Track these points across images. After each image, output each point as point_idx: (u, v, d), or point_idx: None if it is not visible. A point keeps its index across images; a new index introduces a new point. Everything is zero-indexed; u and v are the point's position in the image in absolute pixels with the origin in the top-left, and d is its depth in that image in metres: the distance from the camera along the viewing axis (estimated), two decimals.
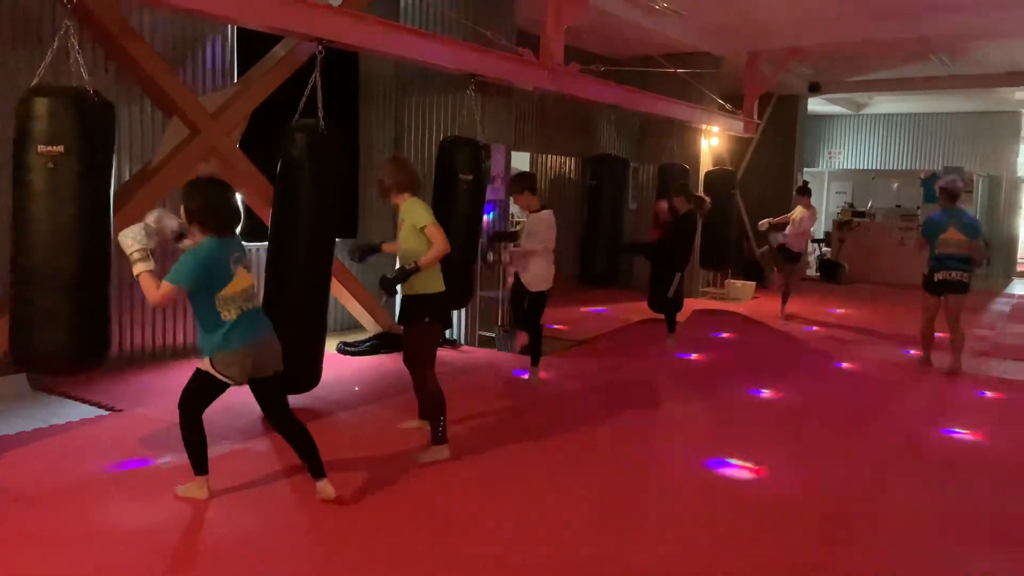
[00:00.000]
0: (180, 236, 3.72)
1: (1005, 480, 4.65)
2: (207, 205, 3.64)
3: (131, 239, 3.54)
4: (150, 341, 6.55)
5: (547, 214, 6.01)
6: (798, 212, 10.21)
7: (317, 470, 3.85)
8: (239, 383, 3.71)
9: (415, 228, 4.43)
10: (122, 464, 4.20)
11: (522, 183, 6.01)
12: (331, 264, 5.27)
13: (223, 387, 3.73)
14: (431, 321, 4.54)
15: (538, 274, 6.01)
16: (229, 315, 3.63)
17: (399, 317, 4.71)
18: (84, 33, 5.58)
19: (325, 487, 3.84)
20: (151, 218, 3.64)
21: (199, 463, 3.82)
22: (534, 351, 6.26)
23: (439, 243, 4.38)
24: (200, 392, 3.74)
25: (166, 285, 3.55)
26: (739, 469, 4.59)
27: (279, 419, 3.86)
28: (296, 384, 5.14)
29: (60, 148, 3.94)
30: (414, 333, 4.56)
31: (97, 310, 4.24)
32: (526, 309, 6.15)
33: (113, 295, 6.21)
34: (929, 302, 7.36)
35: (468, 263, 6.75)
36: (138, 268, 3.55)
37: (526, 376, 6.30)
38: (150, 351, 6.55)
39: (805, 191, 10.42)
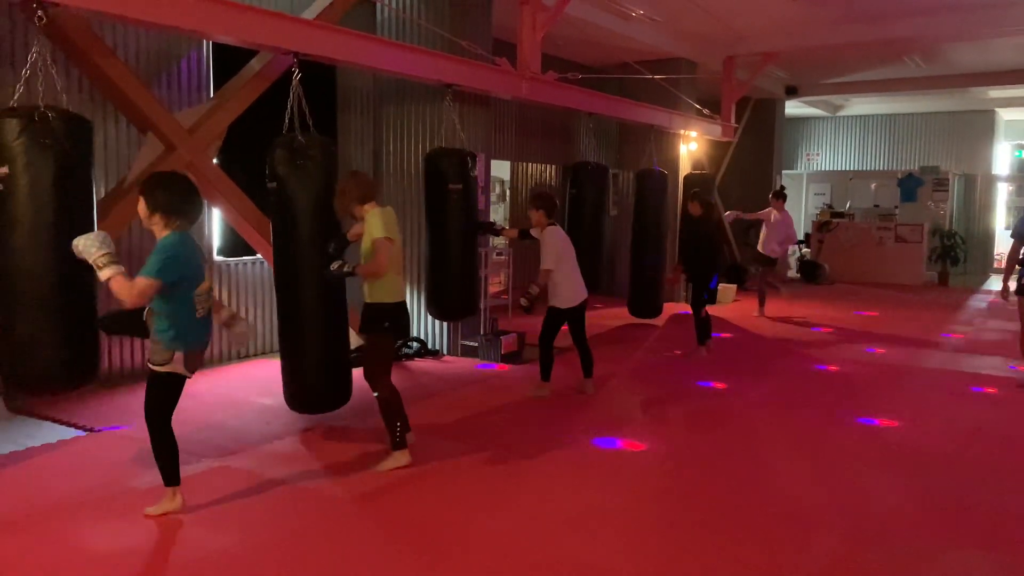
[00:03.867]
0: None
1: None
2: (174, 198, 3.67)
3: (95, 245, 3.47)
4: (128, 361, 6.49)
5: (549, 231, 6.01)
6: (773, 216, 10.36)
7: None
8: (190, 376, 3.81)
9: (370, 238, 4.54)
10: None
11: (538, 201, 6.07)
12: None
13: (181, 383, 3.80)
14: (383, 331, 4.64)
15: (552, 291, 6.08)
16: (200, 312, 3.75)
17: (360, 325, 4.80)
18: (57, 51, 5.55)
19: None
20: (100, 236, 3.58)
21: (171, 474, 3.83)
22: (587, 365, 6.37)
23: (378, 259, 4.47)
24: (165, 397, 3.78)
25: (143, 281, 3.50)
26: (729, 473, 4.61)
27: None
28: (332, 401, 5.18)
29: (5, 170, 3.90)
30: (368, 341, 4.71)
31: (81, 330, 4.18)
32: (576, 330, 6.23)
33: None
34: None
35: (468, 275, 6.76)
36: (108, 272, 3.46)
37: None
38: (128, 370, 6.48)
39: (779, 195, 10.52)
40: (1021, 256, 6.61)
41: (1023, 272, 6.56)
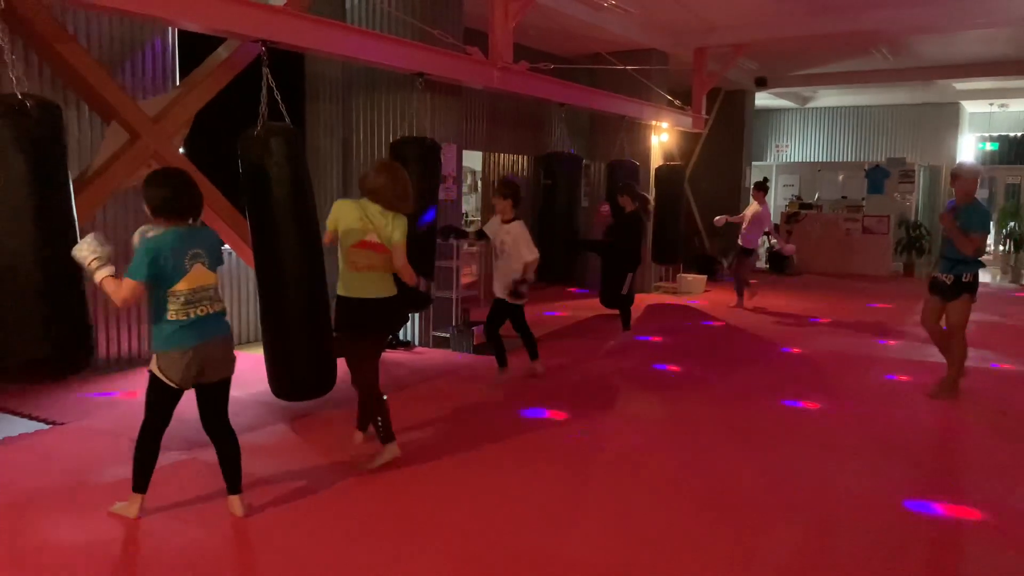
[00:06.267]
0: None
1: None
2: (165, 195, 3.53)
3: (86, 250, 3.45)
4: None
5: (519, 224, 6.04)
6: (751, 208, 10.39)
7: (235, 484, 3.80)
8: (180, 387, 3.60)
9: None
10: None
11: (512, 191, 6.07)
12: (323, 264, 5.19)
13: (175, 393, 3.61)
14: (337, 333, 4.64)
15: (499, 282, 6.07)
16: (177, 315, 3.51)
17: None
18: (16, 37, 5.41)
19: (236, 503, 3.79)
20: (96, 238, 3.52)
21: (141, 481, 3.70)
22: (531, 348, 6.46)
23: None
24: (154, 400, 3.62)
25: (127, 282, 3.43)
26: (703, 465, 4.64)
27: (216, 425, 3.78)
28: (317, 387, 5.07)
29: None
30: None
31: (73, 316, 4.09)
32: (515, 319, 6.25)
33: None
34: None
35: (421, 267, 6.69)
36: (99, 275, 3.43)
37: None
38: (95, 362, 6.37)
39: (761, 187, 10.57)
40: (942, 251, 6.15)
41: (940, 265, 6.12)
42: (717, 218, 10.87)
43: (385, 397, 4.54)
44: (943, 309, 6.07)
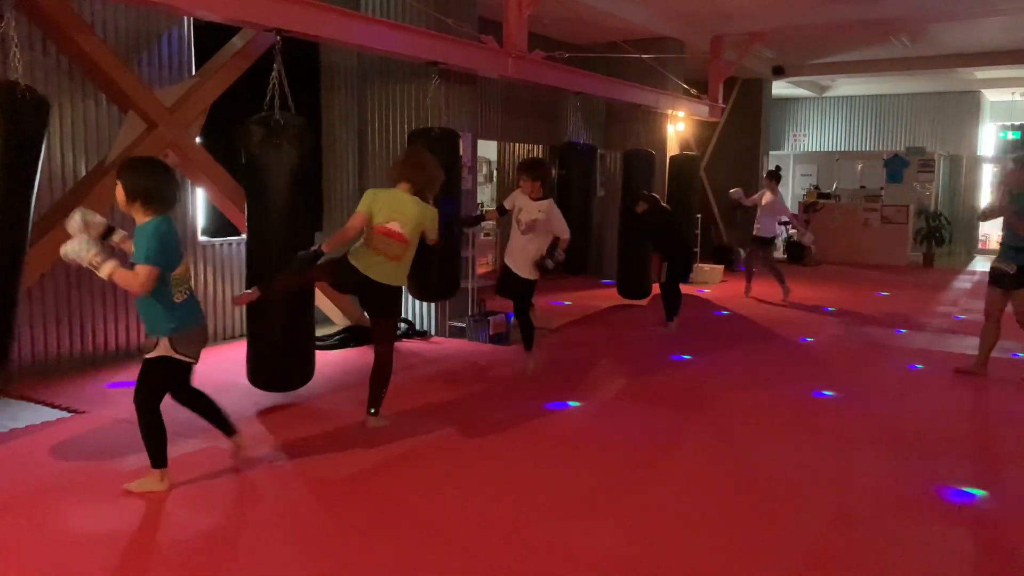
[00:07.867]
0: (108, 232, 3.73)
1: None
2: (154, 185, 3.62)
3: (84, 248, 3.50)
4: (112, 342, 6.43)
5: (552, 203, 6.03)
6: (766, 197, 10.32)
7: (228, 427, 4.11)
8: (196, 361, 3.79)
9: None
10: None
11: (543, 173, 6.04)
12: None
13: (185, 370, 3.78)
14: (321, 264, 4.75)
15: (526, 262, 6.03)
16: (180, 296, 3.70)
17: None
18: (34, 27, 5.45)
19: (241, 440, 4.16)
20: (76, 221, 3.59)
21: (159, 456, 3.82)
22: (527, 338, 6.27)
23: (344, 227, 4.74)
24: (160, 382, 3.75)
25: (145, 268, 3.51)
26: (714, 453, 4.63)
27: (187, 394, 3.98)
28: (292, 380, 5.23)
29: None
30: None
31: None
32: (520, 295, 6.12)
33: (74, 297, 6.14)
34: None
35: (447, 256, 6.68)
36: (107, 269, 3.51)
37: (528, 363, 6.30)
38: (112, 352, 6.43)
39: (773, 176, 10.51)
40: (1002, 240, 6.12)
41: (999, 256, 6.11)
42: (733, 190, 10.87)
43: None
44: (1006, 299, 6.14)
